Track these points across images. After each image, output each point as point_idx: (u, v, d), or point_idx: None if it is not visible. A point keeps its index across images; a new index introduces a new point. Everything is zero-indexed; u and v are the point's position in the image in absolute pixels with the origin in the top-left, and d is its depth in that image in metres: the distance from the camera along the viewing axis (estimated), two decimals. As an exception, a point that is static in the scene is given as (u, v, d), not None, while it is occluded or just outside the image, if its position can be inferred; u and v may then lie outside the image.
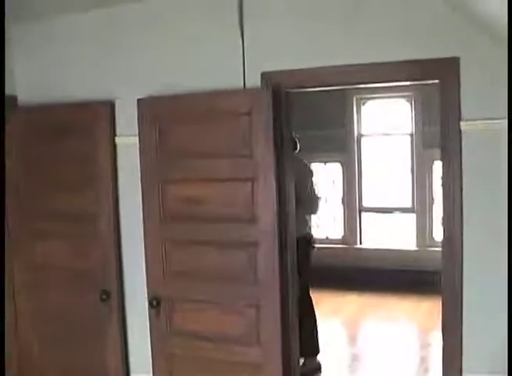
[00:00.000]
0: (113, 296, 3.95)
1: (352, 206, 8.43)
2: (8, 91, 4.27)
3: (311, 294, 5.28)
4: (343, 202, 8.47)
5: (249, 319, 3.55)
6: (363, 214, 8.51)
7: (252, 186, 3.43)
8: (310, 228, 5.32)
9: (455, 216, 3.23)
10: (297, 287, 4.64)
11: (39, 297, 4.25)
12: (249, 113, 3.40)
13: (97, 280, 4.00)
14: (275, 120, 3.38)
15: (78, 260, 4.05)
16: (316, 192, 5.24)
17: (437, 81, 3.27)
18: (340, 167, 8.44)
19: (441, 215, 3.34)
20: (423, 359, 5.63)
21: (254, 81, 3.54)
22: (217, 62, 3.64)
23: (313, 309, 5.28)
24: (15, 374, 4.41)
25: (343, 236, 8.47)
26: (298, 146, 5.11)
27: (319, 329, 5.34)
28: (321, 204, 5.36)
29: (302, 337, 4.88)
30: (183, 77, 3.74)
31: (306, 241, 5.13)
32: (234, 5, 3.55)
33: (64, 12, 4.00)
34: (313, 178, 5.22)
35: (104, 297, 3.94)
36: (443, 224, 3.33)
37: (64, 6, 3.89)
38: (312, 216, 5.51)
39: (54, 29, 4.14)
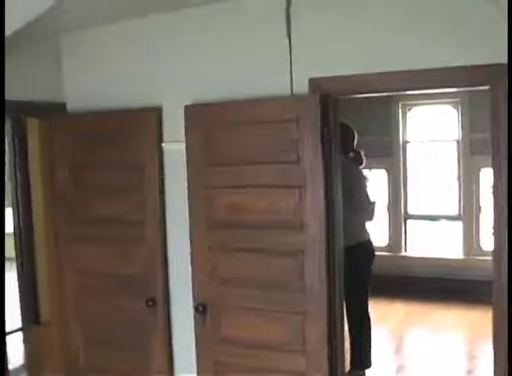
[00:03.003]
0: (159, 302, 3.97)
1: (398, 213, 8.33)
2: (57, 98, 4.35)
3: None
4: (388, 209, 8.37)
5: (295, 328, 3.52)
6: (409, 221, 8.40)
7: (300, 193, 3.40)
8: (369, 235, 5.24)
9: (505, 225, 3.15)
10: (356, 294, 4.60)
11: (87, 301, 4.30)
12: (297, 120, 3.37)
13: (143, 286, 4.02)
14: (322, 126, 3.35)
15: (125, 266, 4.08)
16: (370, 199, 5.18)
17: (487, 87, 3.20)
18: (386, 173, 8.35)
19: (492, 224, 3.26)
20: (470, 372, 5.51)
21: (302, 87, 3.51)
22: (264, 68, 3.63)
23: (369, 318, 5.15)
24: (63, 379, 4.47)
25: (388, 244, 8.37)
26: (364, 159, 5.09)
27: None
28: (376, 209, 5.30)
29: (355, 348, 4.84)
30: (230, 83, 3.74)
31: (369, 246, 5.09)
32: (282, 11, 3.53)
33: (112, 21, 4.04)
34: (368, 187, 5.17)
35: (150, 303, 3.96)
36: (494, 233, 3.25)
37: (113, 15, 3.92)
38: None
39: (103, 37, 4.19)
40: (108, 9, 3.71)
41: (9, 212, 8.61)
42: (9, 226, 8.15)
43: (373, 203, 5.15)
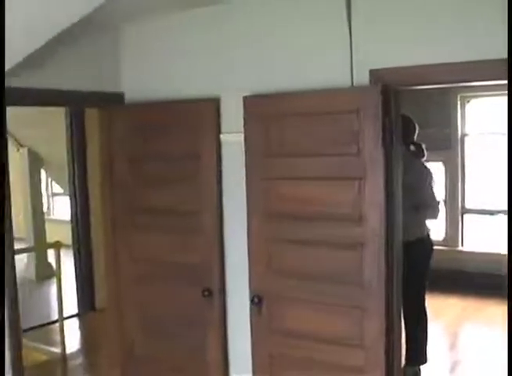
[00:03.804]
0: (215, 292, 3.98)
1: (455, 207, 8.18)
2: (115, 88, 4.39)
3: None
4: (445, 203, 8.23)
5: (352, 321, 3.48)
6: (466, 215, 8.25)
7: (359, 185, 3.35)
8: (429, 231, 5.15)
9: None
10: (413, 289, 4.52)
11: (143, 290, 4.34)
12: (357, 112, 3.32)
13: (200, 276, 4.04)
14: (384, 118, 3.29)
15: (182, 255, 4.10)
16: (436, 196, 5.08)
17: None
18: (443, 166, 8.21)
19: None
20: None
21: (362, 78, 3.45)
22: (324, 59, 3.58)
23: (426, 313, 5.07)
24: (118, 366, 4.53)
25: (444, 238, 8.24)
26: (425, 152, 5.01)
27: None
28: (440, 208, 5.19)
29: (411, 343, 4.76)
30: (289, 74, 3.70)
31: (428, 242, 5.02)
32: (342, 0, 3.48)
33: (171, 12, 4.05)
34: (433, 183, 5.06)
35: (206, 293, 3.97)
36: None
37: (172, 5, 3.93)
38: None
39: (161, 28, 4.21)
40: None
41: (66, 201, 8.79)
42: (66, 214, 8.31)
43: (438, 202, 5.04)
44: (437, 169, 8.07)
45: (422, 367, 5.14)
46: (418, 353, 5.02)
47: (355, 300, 3.46)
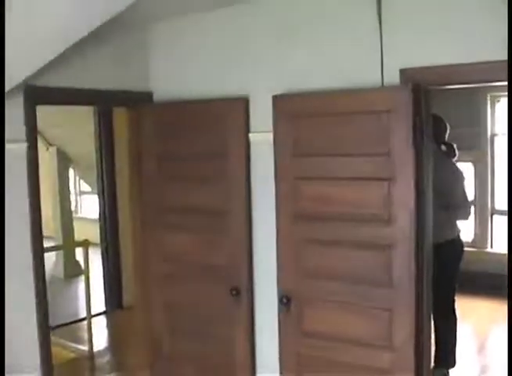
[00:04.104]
0: (243, 292, 3.97)
1: (484, 208, 8.08)
2: (143, 87, 4.41)
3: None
4: (474, 204, 8.13)
5: (381, 323, 3.44)
6: (495, 216, 8.14)
7: (389, 185, 3.32)
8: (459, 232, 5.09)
9: None
10: (443, 292, 4.46)
11: (171, 289, 4.36)
12: (387, 112, 3.29)
13: (228, 275, 4.04)
14: (414, 118, 3.25)
15: (210, 255, 4.11)
16: (467, 197, 5.02)
17: None
18: (472, 167, 8.11)
19: None
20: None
21: (392, 78, 3.42)
22: (354, 58, 3.56)
23: (455, 316, 5.03)
24: (146, 364, 4.54)
25: (473, 240, 8.14)
26: (457, 152, 4.95)
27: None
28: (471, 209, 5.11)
29: (440, 346, 4.69)
30: (319, 74, 3.68)
31: (458, 244, 4.96)
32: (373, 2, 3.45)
33: (199, 10, 4.05)
34: (464, 183, 5.00)
35: (234, 292, 3.97)
36: None
37: (200, 4, 3.94)
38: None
39: (189, 26, 4.22)
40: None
41: (94, 199, 8.85)
42: (94, 213, 8.37)
43: (469, 203, 4.97)
44: (466, 169, 7.99)
45: (450, 371, 5.08)
46: (447, 355, 4.96)
47: (383, 302, 3.42)
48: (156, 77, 4.46)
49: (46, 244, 3.98)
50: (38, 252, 3.82)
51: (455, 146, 4.95)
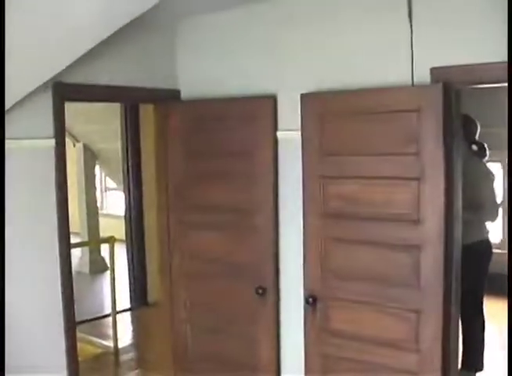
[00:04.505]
0: (269, 291, 3.96)
1: (512, 209, 7.96)
2: (171, 84, 4.41)
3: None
4: (502, 204, 8.02)
5: (408, 325, 3.41)
6: (524, 218, 8.02)
7: (418, 185, 3.28)
8: (488, 233, 5.01)
9: None
10: (471, 293, 4.40)
11: (196, 287, 4.36)
12: (417, 111, 3.25)
13: (254, 274, 4.03)
14: (444, 117, 3.21)
15: (236, 253, 4.10)
16: (496, 198, 4.94)
17: None
18: (501, 167, 8.00)
19: None
20: None
21: (423, 77, 3.37)
22: (384, 57, 3.51)
23: (484, 319, 4.96)
24: (171, 361, 4.55)
25: (501, 241, 8.04)
26: (488, 152, 4.89)
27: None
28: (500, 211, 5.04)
29: (467, 348, 4.62)
30: (347, 72, 3.65)
31: (487, 245, 4.89)
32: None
33: (226, 8, 4.04)
34: (494, 184, 4.91)
35: (260, 291, 3.95)
36: None
37: (227, 1, 3.93)
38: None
39: (217, 23, 4.21)
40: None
41: (119, 196, 8.88)
42: (119, 209, 8.40)
43: (498, 204, 4.90)
44: (497, 169, 7.88)
45: (478, 374, 5.01)
46: (474, 358, 4.89)
47: (411, 303, 3.38)
48: (183, 75, 4.46)
49: (72, 239, 3.99)
50: (65, 248, 3.83)
51: (486, 145, 4.87)
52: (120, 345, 6.04)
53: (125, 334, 6.55)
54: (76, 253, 8.53)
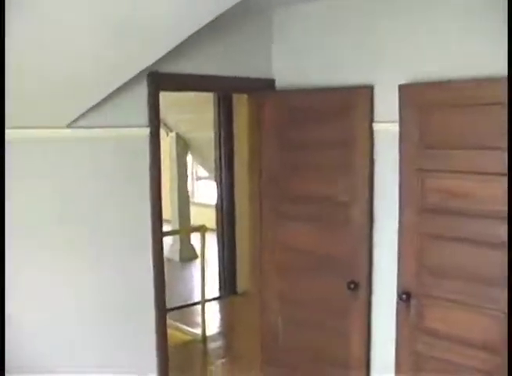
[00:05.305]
0: (362, 286, 3.88)
1: None
2: (265, 74, 4.37)
3: None
4: None
5: (501, 327, 3.23)
6: None
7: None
8: None
9: None
10: None
11: (287, 279, 4.33)
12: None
13: (346, 268, 3.95)
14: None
15: (328, 246, 4.04)
16: None
17: None
18: None
19: None
20: None
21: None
22: (481, 47, 3.32)
23: None
24: (259, 351, 4.54)
25: None
26: None
27: None
28: None
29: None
30: (445, 62, 3.49)
31: None
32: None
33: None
34: None
35: (352, 286, 3.88)
36: None
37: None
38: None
39: (314, 13, 4.14)
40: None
41: (210, 185, 8.94)
42: (209, 198, 8.46)
43: None
44: None
45: None
46: None
47: (505, 303, 3.21)
48: (278, 64, 4.41)
49: (164, 227, 4.03)
50: (158, 235, 3.86)
51: None
52: (208, 333, 6.10)
53: (213, 322, 6.61)
54: (167, 240, 8.69)
